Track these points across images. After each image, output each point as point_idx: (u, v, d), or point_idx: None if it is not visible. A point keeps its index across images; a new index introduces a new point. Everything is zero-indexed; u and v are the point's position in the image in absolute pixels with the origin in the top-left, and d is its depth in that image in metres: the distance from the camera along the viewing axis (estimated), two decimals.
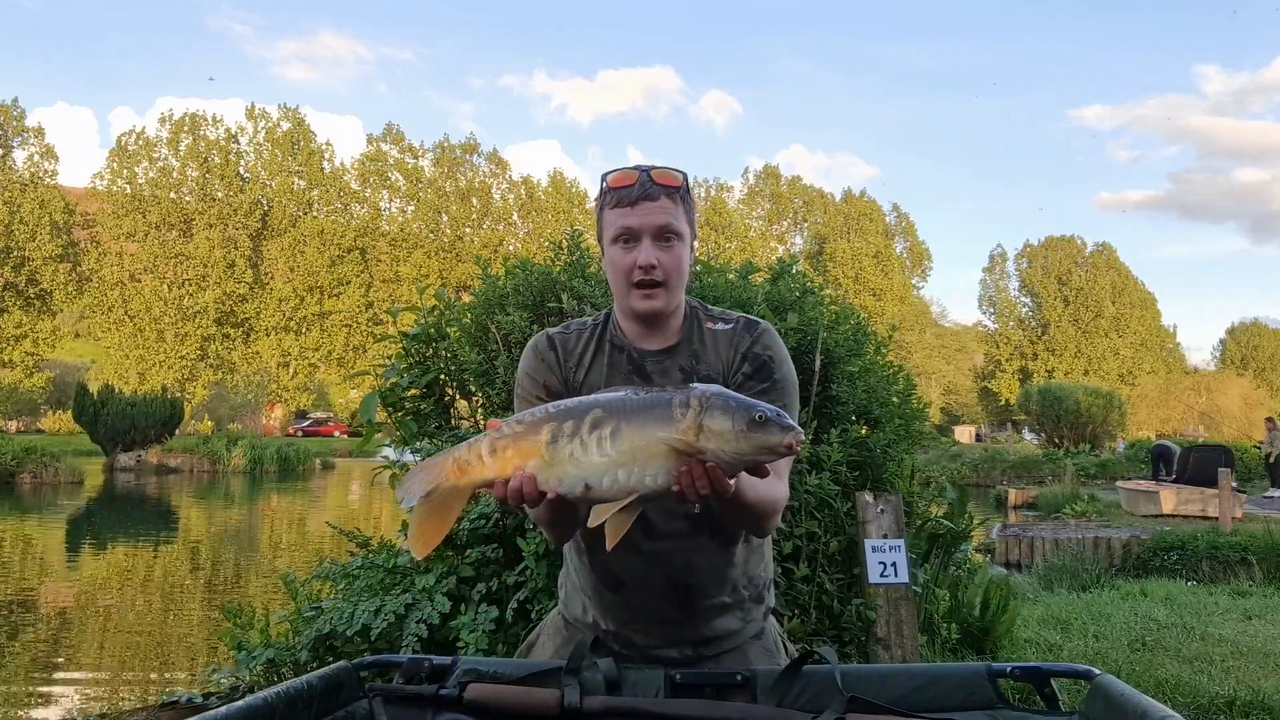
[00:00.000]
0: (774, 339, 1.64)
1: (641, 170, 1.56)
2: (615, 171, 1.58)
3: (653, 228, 1.53)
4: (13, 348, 44.74)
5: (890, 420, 4.35)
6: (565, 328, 1.69)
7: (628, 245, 1.55)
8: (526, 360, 1.68)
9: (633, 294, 1.56)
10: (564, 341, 1.66)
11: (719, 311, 1.67)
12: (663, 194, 1.54)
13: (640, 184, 1.54)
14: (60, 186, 47.96)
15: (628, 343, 1.63)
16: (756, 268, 4.41)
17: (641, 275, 1.53)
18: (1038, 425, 34.90)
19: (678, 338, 1.62)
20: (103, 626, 8.05)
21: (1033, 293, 63.97)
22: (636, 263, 1.53)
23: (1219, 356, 71.85)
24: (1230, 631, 5.53)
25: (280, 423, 50.02)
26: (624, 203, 1.54)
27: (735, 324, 1.64)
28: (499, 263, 4.52)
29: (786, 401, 1.57)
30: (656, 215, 1.53)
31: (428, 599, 3.40)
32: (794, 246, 62.83)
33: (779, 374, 1.60)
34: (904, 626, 3.58)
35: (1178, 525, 11.35)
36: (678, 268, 1.56)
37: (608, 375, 1.61)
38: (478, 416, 4.35)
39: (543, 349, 1.66)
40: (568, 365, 1.64)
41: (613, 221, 1.56)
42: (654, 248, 1.53)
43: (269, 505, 21.22)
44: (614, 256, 1.57)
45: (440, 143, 57.12)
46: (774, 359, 1.61)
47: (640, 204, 1.53)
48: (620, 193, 1.55)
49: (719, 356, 1.61)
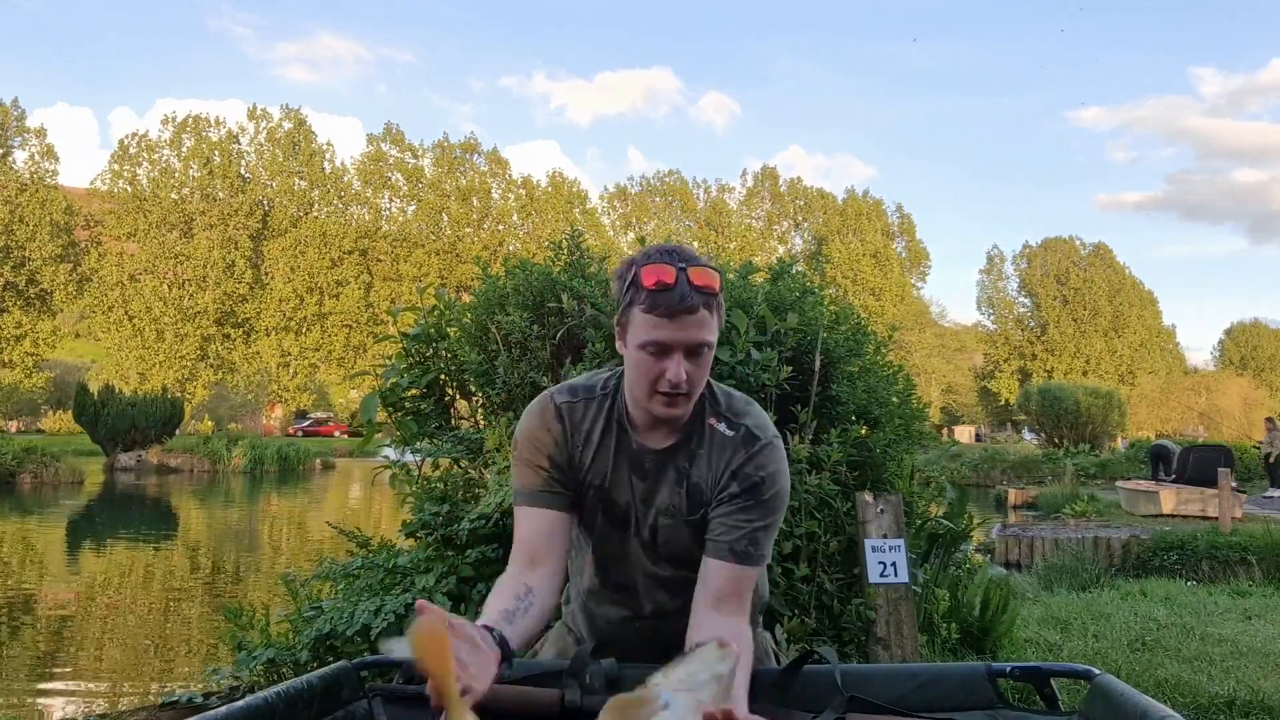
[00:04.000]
0: (770, 456, 1.54)
1: (679, 267, 1.42)
2: (650, 264, 1.44)
3: (688, 343, 1.43)
4: (13, 348, 44.74)
5: (890, 420, 4.35)
6: (573, 394, 1.61)
7: (656, 355, 1.45)
8: (532, 426, 1.59)
9: (655, 400, 1.48)
10: (572, 414, 1.58)
11: (726, 405, 1.58)
12: (701, 305, 1.42)
13: (680, 295, 1.40)
14: (60, 186, 47.96)
15: (632, 432, 1.57)
16: (756, 268, 4.41)
17: (668, 388, 1.45)
18: (1037, 425, 34.89)
19: (679, 436, 1.56)
20: (103, 626, 8.05)
21: (1031, 293, 64.03)
22: (666, 375, 1.44)
23: (1218, 357, 71.90)
24: (1230, 631, 5.53)
25: (280, 423, 50.03)
26: (659, 310, 1.41)
27: (738, 433, 1.55)
28: (499, 263, 4.52)
29: (770, 520, 1.53)
30: (694, 330, 1.42)
31: (428, 599, 3.40)
32: (794, 247, 62.84)
33: (768, 494, 1.53)
34: (904, 626, 3.58)
35: (1177, 525, 11.34)
36: (703, 377, 1.49)
37: (613, 461, 1.57)
38: (478, 416, 4.36)
39: (550, 420, 1.58)
40: (574, 442, 1.58)
41: (644, 328, 1.44)
42: (685, 361, 1.44)
43: (269, 505, 21.22)
44: (639, 360, 1.46)
45: (440, 142, 57.15)
46: (766, 480, 1.53)
47: (679, 318, 1.41)
48: (656, 298, 1.41)
49: (711, 466, 1.55)
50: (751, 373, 3.66)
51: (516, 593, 1.47)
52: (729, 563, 1.50)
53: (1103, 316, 61.78)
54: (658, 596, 1.62)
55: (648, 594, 1.63)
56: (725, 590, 1.49)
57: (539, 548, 1.54)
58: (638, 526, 1.59)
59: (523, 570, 1.52)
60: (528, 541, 1.55)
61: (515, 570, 1.53)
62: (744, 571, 1.50)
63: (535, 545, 1.54)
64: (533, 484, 1.57)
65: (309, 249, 51.61)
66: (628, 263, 1.48)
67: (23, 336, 45.12)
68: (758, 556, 1.52)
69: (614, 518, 1.60)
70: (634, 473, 1.57)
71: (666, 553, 1.59)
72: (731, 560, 1.50)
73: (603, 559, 1.65)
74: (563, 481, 1.57)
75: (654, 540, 1.58)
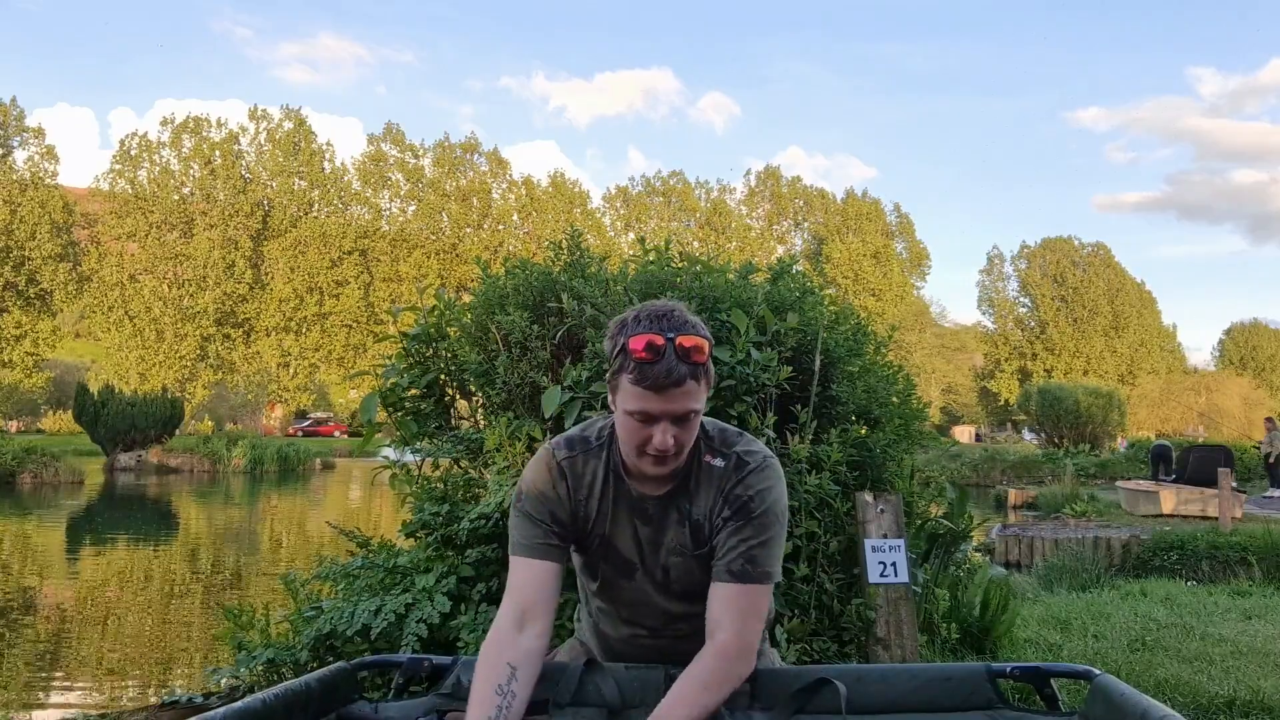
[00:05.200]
0: (760, 475, 1.56)
1: (668, 337, 1.42)
2: (638, 334, 1.43)
3: (675, 413, 1.44)
4: (13, 348, 44.73)
5: (890, 420, 4.35)
6: (571, 448, 1.61)
7: (643, 421, 1.46)
8: (538, 483, 1.60)
9: (643, 460, 1.50)
10: (572, 468, 1.60)
11: (719, 439, 1.59)
12: (689, 376, 1.42)
13: (668, 369, 1.41)
14: (60, 186, 47.95)
15: (630, 482, 1.59)
16: (756, 268, 4.40)
17: (656, 453, 1.47)
18: (1037, 425, 34.91)
19: (676, 481, 1.57)
20: (103, 626, 8.05)
21: (1031, 293, 64.02)
22: (652, 441, 1.46)
23: (1218, 357, 71.89)
24: (1230, 631, 5.52)
25: (280, 423, 50.03)
26: (646, 383, 1.42)
27: (729, 462, 1.57)
28: (499, 263, 4.51)
29: (766, 537, 1.53)
30: (680, 401, 1.43)
31: (428, 599, 3.39)
32: (794, 247, 62.82)
33: (758, 511, 1.54)
34: (904, 626, 3.58)
35: (1177, 525, 11.34)
36: (692, 436, 1.50)
37: (613, 511, 1.59)
38: (478, 416, 4.36)
39: (556, 478, 1.59)
40: (577, 496, 1.60)
41: (631, 398, 1.45)
42: (672, 427, 1.45)
43: (269, 505, 21.22)
44: (627, 426, 1.48)
45: (440, 142, 57.13)
46: (755, 497, 1.54)
47: (666, 391, 1.42)
48: (645, 370, 1.42)
49: (708, 498, 1.57)
50: (751, 373, 3.66)
51: (499, 683, 1.45)
52: (727, 583, 1.51)
53: (1102, 316, 61.78)
54: (675, 627, 1.64)
55: (662, 626, 1.66)
56: (726, 613, 1.50)
57: (531, 603, 1.53)
58: (647, 569, 1.61)
59: (510, 634, 1.51)
60: (521, 595, 1.55)
61: (502, 634, 1.51)
62: (744, 589, 1.50)
63: (528, 600, 1.54)
64: (533, 537, 1.57)
65: (309, 249, 51.59)
66: (619, 324, 1.47)
67: (23, 336, 45.11)
68: (759, 573, 1.51)
69: (618, 565, 1.62)
70: (637, 519, 1.58)
71: (680, 589, 1.61)
72: (729, 580, 1.50)
73: (613, 600, 1.68)
74: (563, 535, 1.59)
75: (666, 579, 1.60)
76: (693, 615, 1.59)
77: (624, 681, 1.56)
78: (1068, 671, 1.53)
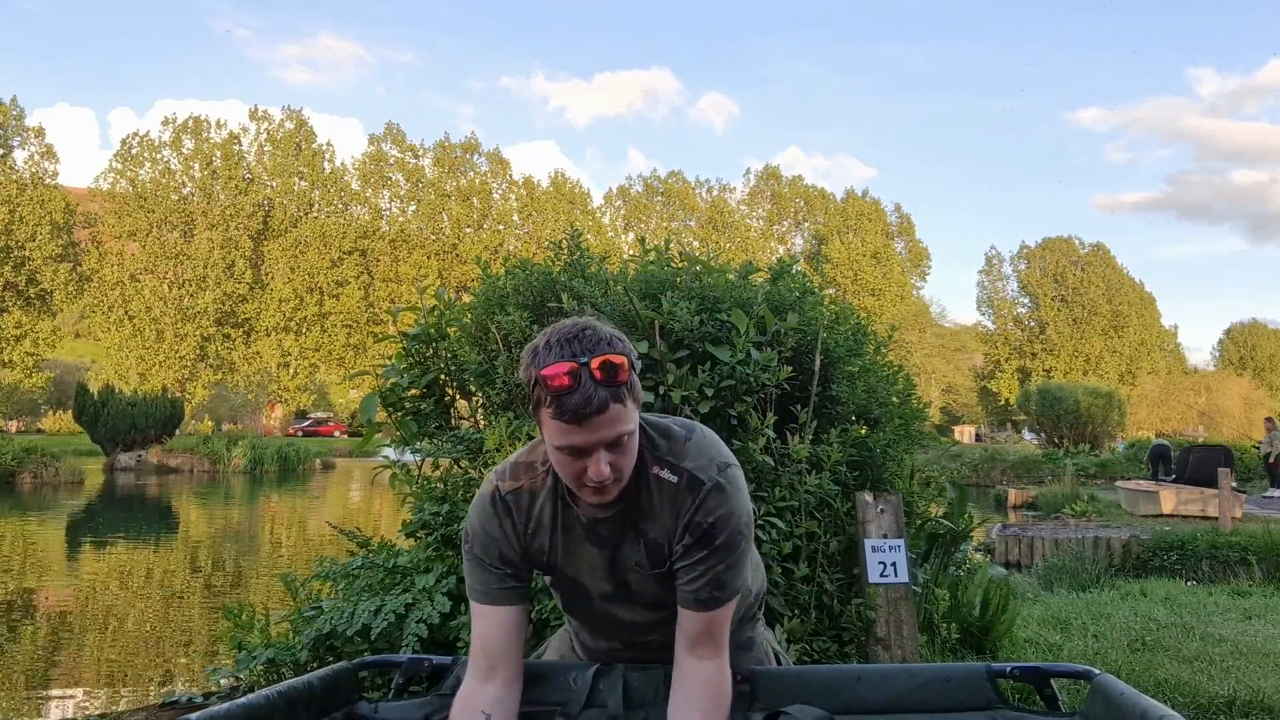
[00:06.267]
0: (718, 499, 1.48)
1: (580, 362, 1.33)
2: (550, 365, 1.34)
3: (605, 441, 1.36)
4: (13, 348, 44.72)
5: (890, 420, 4.35)
6: (516, 477, 1.56)
7: (574, 455, 1.39)
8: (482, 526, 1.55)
9: (584, 491, 1.44)
10: (518, 503, 1.55)
11: (666, 449, 1.51)
12: (611, 399, 1.34)
13: (584, 396, 1.32)
14: (60, 186, 47.94)
15: (577, 508, 1.53)
16: (756, 268, 4.40)
17: (594, 484, 1.40)
18: (1037, 425, 34.90)
19: (624, 501, 1.51)
20: (103, 626, 8.05)
21: (1030, 293, 64.01)
22: (588, 473, 1.39)
23: (1218, 357, 71.90)
24: (1230, 631, 5.52)
25: (280, 423, 50.03)
26: (566, 416, 1.33)
27: (680, 478, 1.49)
28: (499, 263, 4.51)
29: (730, 560, 1.50)
30: (606, 428, 1.35)
31: (428, 599, 3.39)
32: (794, 247, 62.83)
33: (720, 539, 1.49)
34: (904, 626, 3.58)
35: (1178, 525, 11.34)
36: (630, 459, 1.43)
37: (564, 540, 1.55)
38: (478, 416, 4.36)
39: (501, 517, 1.54)
40: (527, 530, 1.55)
41: (556, 434, 1.37)
42: (606, 453, 1.38)
43: (269, 505, 21.22)
44: (560, 460, 1.41)
45: (441, 142, 57.11)
46: (716, 524, 1.48)
47: (588, 421, 1.33)
48: (562, 402, 1.33)
49: (664, 516, 1.51)
50: (751, 373, 3.66)
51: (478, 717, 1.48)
52: (696, 611, 1.50)
53: (1102, 316, 61.77)
54: (647, 637, 1.65)
55: (633, 633, 1.66)
56: (698, 635, 1.50)
57: (497, 653, 1.53)
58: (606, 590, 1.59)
59: (480, 685, 1.52)
60: (485, 644, 1.54)
61: (472, 688, 1.52)
62: (713, 615, 1.50)
63: (493, 649, 1.53)
64: (487, 583, 1.55)
65: (309, 249, 51.59)
66: (531, 352, 1.40)
67: (23, 336, 45.10)
68: (727, 595, 1.51)
69: (578, 593, 1.61)
70: (591, 543, 1.55)
71: (643, 600, 1.60)
72: (697, 609, 1.50)
73: (580, 619, 1.70)
74: (517, 575, 1.56)
75: (628, 592, 1.59)
76: (660, 624, 1.58)
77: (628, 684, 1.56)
78: (1068, 671, 1.53)
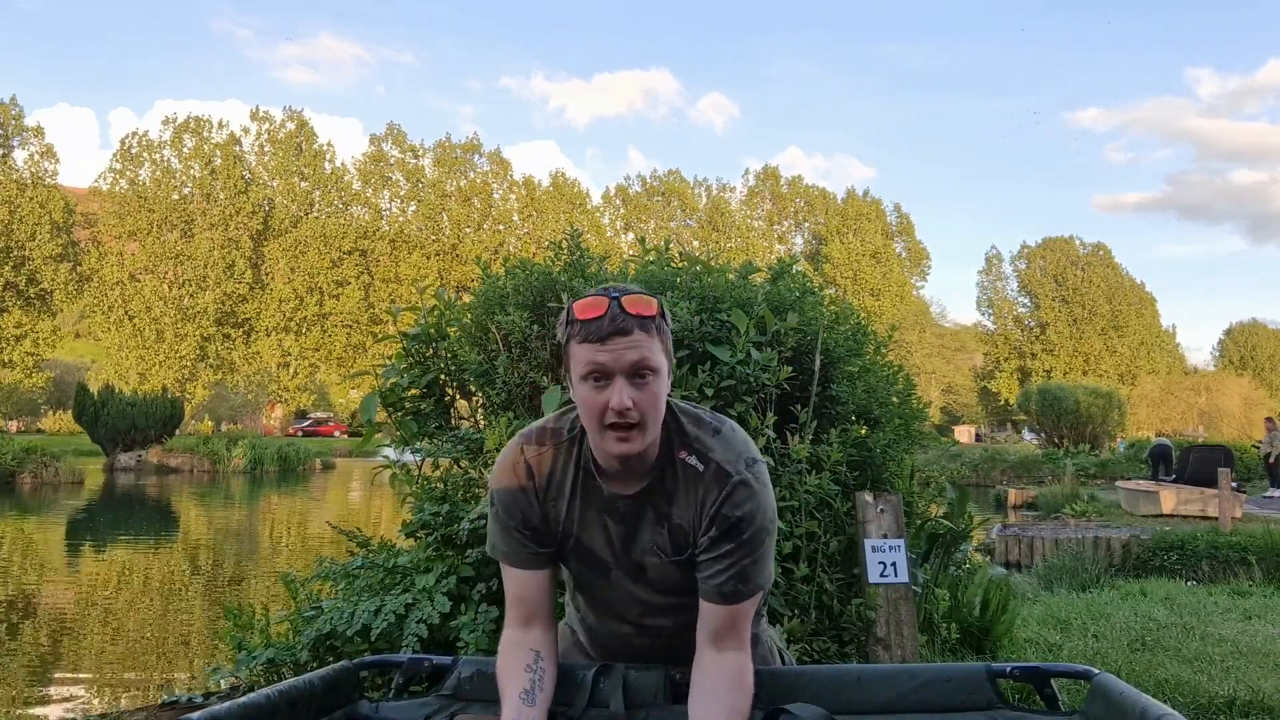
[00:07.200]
0: (745, 493, 1.50)
1: (611, 297, 1.43)
2: (582, 300, 1.45)
3: (626, 365, 1.40)
4: (13, 348, 44.74)
5: (890, 420, 4.35)
6: (542, 441, 1.57)
7: (599, 384, 1.42)
8: (503, 486, 1.57)
9: (606, 436, 1.45)
10: (541, 465, 1.56)
11: (694, 435, 1.53)
12: (636, 326, 1.41)
13: (611, 316, 1.41)
14: (60, 186, 47.95)
15: (600, 479, 1.54)
16: (756, 268, 4.41)
17: (615, 418, 1.41)
18: (1037, 425, 34.90)
19: (648, 479, 1.52)
20: (103, 626, 8.05)
21: (1030, 293, 64.03)
22: (609, 404, 1.41)
23: (1218, 357, 71.89)
24: (1230, 631, 5.52)
25: (280, 423, 50.02)
26: (593, 338, 1.41)
27: (707, 468, 1.50)
28: (499, 263, 4.52)
29: (756, 555, 1.51)
30: (629, 351, 1.40)
31: (428, 599, 3.39)
32: (794, 246, 62.85)
33: (748, 533, 1.49)
34: (904, 626, 3.58)
35: (1178, 525, 11.34)
36: (654, 405, 1.44)
37: (582, 510, 1.56)
38: (478, 416, 4.36)
39: (521, 476, 1.56)
40: (548, 496, 1.56)
41: (582, 358, 1.43)
42: (628, 386, 1.41)
43: (269, 505, 21.22)
44: (585, 395, 1.44)
45: (441, 142, 57.12)
46: (744, 519, 1.49)
47: (611, 340, 1.40)
48: (589, 326, 1.41)
49: (689, 503, 1.52)
50: (751, 373, 3.66)
51: (526, 663, 1.50)
52: (719, 604, 1.50)
53: (1101, 316, 61.80)
54: (657, 620, 1.63)
55: (644, 619, 1.63)
56: (721, 628, 1.50)
57: (532, 606, 1.56)
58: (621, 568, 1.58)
59: (522, 633, 1.54)
60: (518, 596, 1.57)
61: (515, 634, 1.55)
62: (736, 608, 1.50)
63: (528, 604, 1.56)
64: (513, 549, 1.56)
65: (309, 249, 51.59)
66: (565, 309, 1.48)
67: (23, 336, 45.13)
68: (751, 589, 1.51)
69: (591, 564, 1.60)
70: (609, 518, 1.55)
71: (658, 586, 1.58)
72: (721, 602, 1.50)
73: (591, 598, 1.67)
74: (540, 540, 1.57)
75: (644, 575, 1.58)
76: (675, 608, 1.58)
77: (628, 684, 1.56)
78: (1068, 671, 1.53)
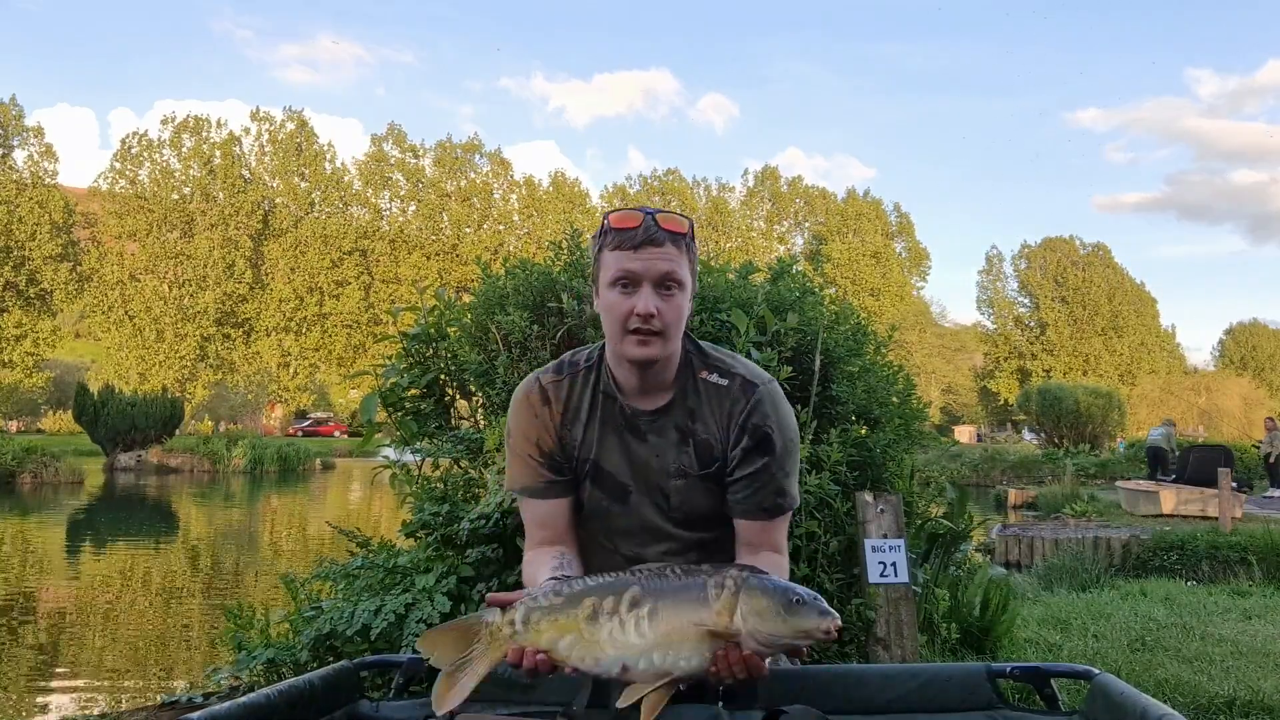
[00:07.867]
0: (773, 403, 1.55)
1: (646, 212, 1.49)
2: (618, 211, 1.51)
3: (655, 274, 1.46)
4: (13, 348, 44.74)
5: (890, 420, 4.35)
6: (559, 371, 1.60)
7: (626, 290, 1.47)
8: (518, 413, 1.59)
9: (627, 340, 1.48)
10: (557, 391, 1.58)
11: (715, 357, 1.58)
12: (668, 239, 1.47)
13: (645, 227, 1.46)
14: (60, 186, 47.95)
15: (621, 398, 1.56)
16: (756, 268, 4.40)
17: (639, 323, 1.46)
18: (1037, 425, 34.90)
19: (671, 394, 1.55)
20: (103, 626, 8.05)
21: (1030, 293, 64.04)
22: (635, 309, 1.46)
23: (1218, 357, 71.88)
24: (1230, 631, 5.52)
25: (280, 423, 50.02)
26: (626, 245, 1.47)
27: (732, 381, 1.55)
28: (499, 263, 4.52)
29: (789, 466, 1.55)
30: (660, 262, 1.46)
31: (428, 599, 3.39)
32: (794, 246, 62.83)
33: (780, 444, 1.54)
34: (904, 626, 3.58)
35: (1177, 525, 11.34)
36: (677, 317, 1.49)
37: (600, 432, 1.56)
38: (478, 416, 4.36)
39: (535, 403, 1.58)
40: (565, 420, 1.57)
41: (612, 264, 1.48)
42: (654, 295, 1.46)
43: (269, 505, 21.22)
44: (611, 300, 1.49)
45: (442, 143, 57.13)
46: (775, 428, 1.53)
47: (644, 249, 1.46)
48: (623, 235, 1.47)
49: (715, 418, 1.54)
50: None
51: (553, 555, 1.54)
52: (759, 520, 1.54)
53: (1101, 316, 61.82)
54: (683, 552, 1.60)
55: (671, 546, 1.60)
56: (762, 542, 1.54)
57: (552, 531, 1.59)
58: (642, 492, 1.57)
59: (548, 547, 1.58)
60: (540, 527, 1.60)
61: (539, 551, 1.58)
62: (775, 522, 1.55)
63: (549, 528, 1.59)
64: (530, 480, 1.58)
65: (309, 249, 51.59)
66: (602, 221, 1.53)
67: (23, 336, 45.13)
68: (788, 503, 1.56)
69: (609, 489, 1.58)
70: (630, 436, 1.55)
71: (682, 515, 1.57)
72: (763, 517, 1.54)
73: (607, 531, 1.63)
74: (557, 468, 1.57)
75: (668, 504, 1.57)
76: (702, 544, 1.57)
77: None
78: (1068, 671, 1.53)
